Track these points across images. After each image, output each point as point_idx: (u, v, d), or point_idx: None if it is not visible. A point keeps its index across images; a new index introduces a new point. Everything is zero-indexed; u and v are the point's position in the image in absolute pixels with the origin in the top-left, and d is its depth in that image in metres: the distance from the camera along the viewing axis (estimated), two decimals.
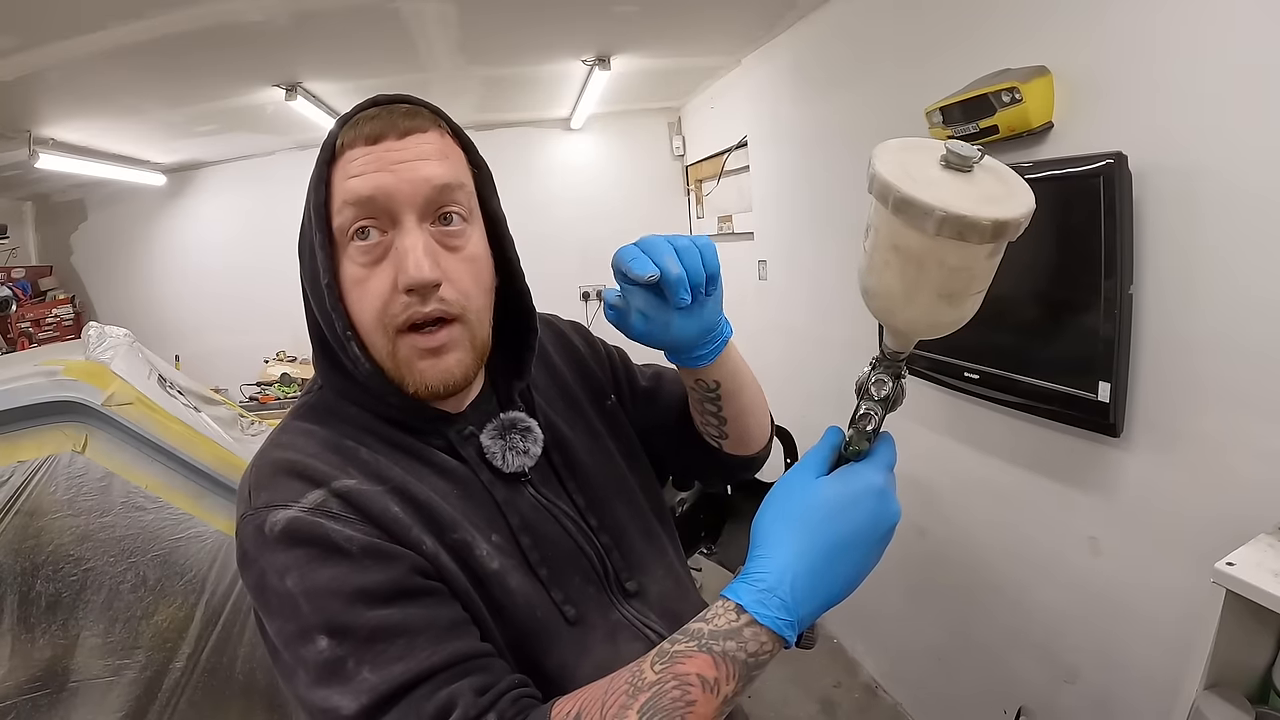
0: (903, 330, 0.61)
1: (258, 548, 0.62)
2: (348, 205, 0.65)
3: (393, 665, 0.58)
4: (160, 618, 1.68)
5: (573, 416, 0.85)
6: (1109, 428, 1.44)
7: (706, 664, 0.55)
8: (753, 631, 0.55)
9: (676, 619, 0.80)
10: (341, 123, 0.68)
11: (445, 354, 0.68)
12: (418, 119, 0.68)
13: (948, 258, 0.55)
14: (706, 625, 0.56)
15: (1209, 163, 1.24)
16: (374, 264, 0.66)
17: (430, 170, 0.66)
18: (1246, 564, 1.00)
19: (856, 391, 0.65)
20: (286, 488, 0.63)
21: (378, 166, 0.65)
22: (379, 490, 0.65)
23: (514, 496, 0.74)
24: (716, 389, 0.83)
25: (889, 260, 0.57)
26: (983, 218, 0.52)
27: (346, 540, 0.60)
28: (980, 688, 2.04)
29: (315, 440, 0.68)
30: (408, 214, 0.66)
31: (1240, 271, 1.21)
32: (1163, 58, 1.29)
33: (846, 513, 0.58)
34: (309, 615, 0.59)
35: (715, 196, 4.17)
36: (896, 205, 0.53)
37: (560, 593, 0.71)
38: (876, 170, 0.56)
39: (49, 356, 1.89)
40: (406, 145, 0.66)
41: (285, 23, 2.23)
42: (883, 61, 2.16)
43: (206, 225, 4.52)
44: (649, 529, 0.84)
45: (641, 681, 0.55)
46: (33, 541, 1.59)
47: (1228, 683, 1.04)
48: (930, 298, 0.57)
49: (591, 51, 2.96)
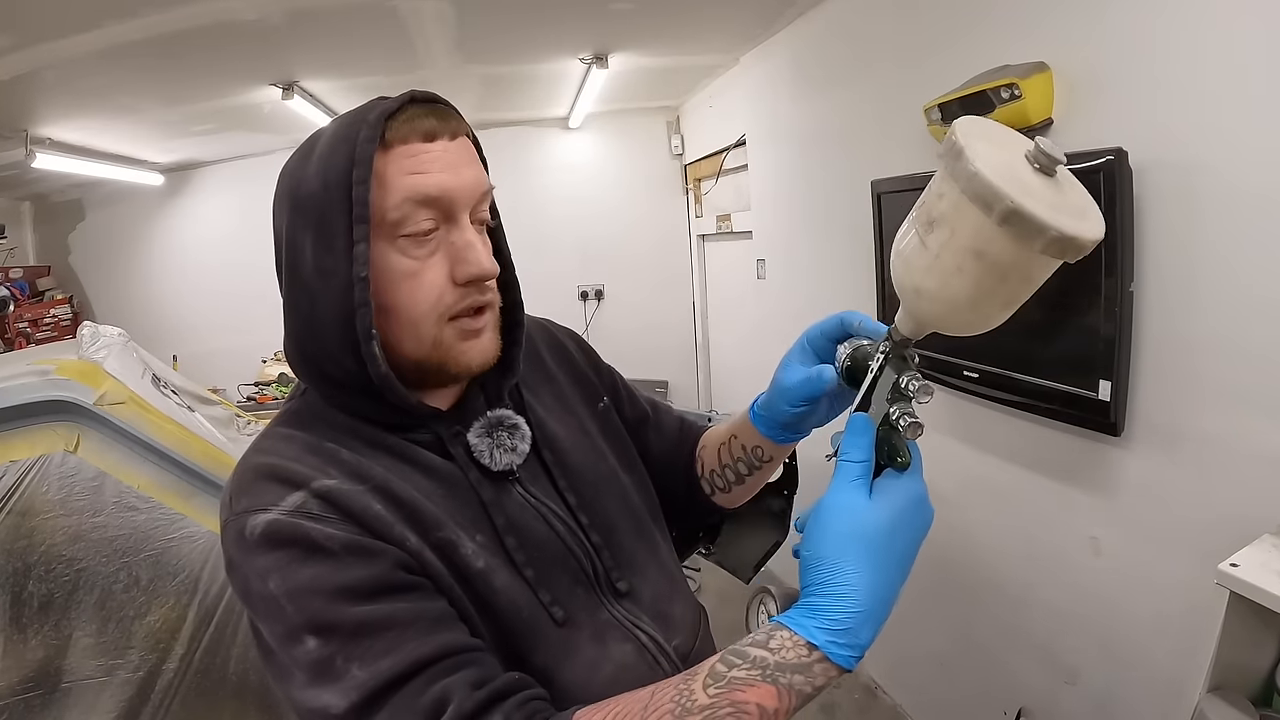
0: (950, 330, 0.58)
1: (240, 553, 0.61)
2: (411, 202, 0.65)
3: (380, 660, 0.57)
4: (153, 618, 1.67)
5: (564, 415, 0.85)
6: (1110, 427, 1.43)
7: (770, 695, 0.54)
8: (823, 668, 0.54)
9: (669, 620, 0.79)
10: (384, 115, 0.65)
11: (484, 334, 0.72)
12: (461, 123, 0.70)
13: (1034, 271, 0.52)
14: (772, 656, 0.55)
15: (1209, 159, 1.22)
16: (429, 257, 0.68)
17: (478, 174, 0.70)
18: (1250, 565, 0.99)
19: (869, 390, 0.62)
20: (265, 492, 0.63)
21: (442, 166, 0.66)
22: (360, 489, 0.64)
23: (501, 496, 0.73)
24: (767, 460, 0.86)
25: (964, 266, 0.52)
26: (1087, 238, 0.49)
27: (327, 539, 0.60)
28: (980, 689, 2.03)
29: (295, 444, 0.68)
30: (463, 212, 0.68)
31: (1242, 269, 1.20)
32: (1163, 53, 1.28)
33: (902, 532, 0.57)
34: (293, 616, 0.58)
35: (714, 195, 4.16)
36: (1005, 216, 0.48)
37: (548, 593, 0.70)
38: (978, 170, 0.49)
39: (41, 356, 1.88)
40: (457, 148, 0.68)
41: (281, 21, 2.22)
42: (881, 59, 2.15)
43: (204, 225, 4.52)
44: (641, 528, 0.84)
45: (691, 703, 0.54)
46: (25, 541, 1.58)
47: (1231, 685, 1.03)
48: (996, 305, 0.55)
49: (589, 50, 2.95)
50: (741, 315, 3.85)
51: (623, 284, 4.66)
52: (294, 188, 0.67)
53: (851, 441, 0.60)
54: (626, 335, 4.37)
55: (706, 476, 0.93)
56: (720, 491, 0.92)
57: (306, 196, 0.66)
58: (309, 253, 0.66)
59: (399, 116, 0.66)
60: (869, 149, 2.26)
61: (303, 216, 0.66)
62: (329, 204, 0.64)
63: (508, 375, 0.78)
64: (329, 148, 0.66)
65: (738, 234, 3.75)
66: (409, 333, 0.69)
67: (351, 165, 0.63)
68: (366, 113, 0.65)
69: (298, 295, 0.68)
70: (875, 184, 2.10)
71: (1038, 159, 0.52)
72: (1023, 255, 0.50)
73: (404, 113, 0.66)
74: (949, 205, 0.53)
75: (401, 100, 0.67)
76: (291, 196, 0.67)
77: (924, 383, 0.60)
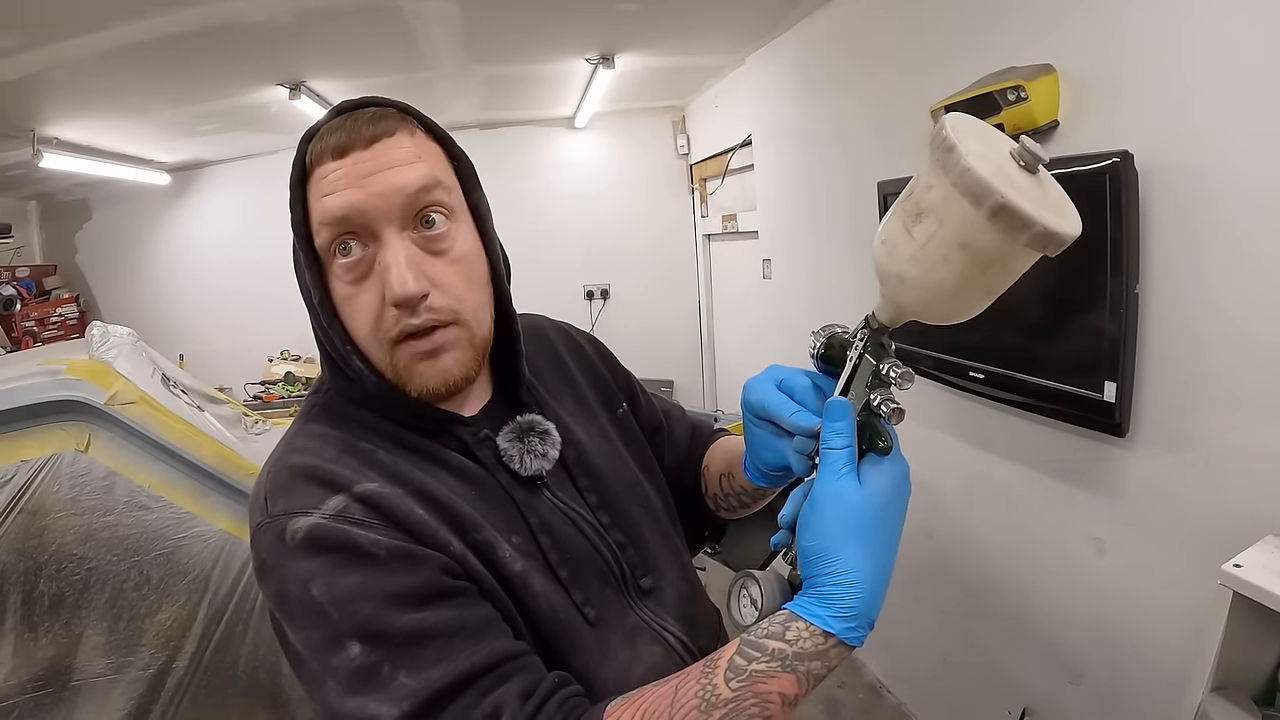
0: (930, 319, 0.60)
1: (277, 556, 0.60)
2: (324, 225, 0.64)
3: (430, 669, 0.56)
4: (163, 616, 1.68)
5: (585, 418, 0.84)
6: (1115, 428, 1.43)
7: (790, 683, 0.56)
8: (839, 651, 0.57)
9: (692, 622, 0.79)
10: (308, 137, 0.65)
11: (442, 354, 0.67)
12: (384, 122, 0.65)
13: (1014, 263, 0.55)
14: (790, 647, 0.57)
15: (1215, 162, 1.23)
16: (360, 280, 0.65)
17: (403, 178, 0.64)
18: (1254, 566, 0.99)
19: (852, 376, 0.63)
20: (306, 493, 0.62)
21: (348, 182, 0.63)
22: (400, 493, 0.64)
23: (532, 498, 0.73)
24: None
25: (950, 256, 0.54)
26: (1067, 234, 0.52)
27: (373, 545, 0.59)
28: (984, 688, 2.04)
29: (331, 443, 0.67)
30: (385, 227, 0.64)
31: (1246, 271, 1.20)
32: (1169, 56, 1.28)
33: (892, 511, 0.59)
34: (339, 622, 0.57)
35: (719, 195, 4.16)
36: (994, 210, 0.51)
37: (580, 594, 0.70)
38: (970, 165, 0.51)
39: (52, 356, 1.89)
40: (375, 154, 0.64)
41: (288, 21, 2.23)
42: (887, 60, 2.15)
43: (210, 224, 4.53)
44: (664, 531, 0.84)
45: (715, 697, 0.56)
46: (36, 540, 1.60)
47: (1234, 685, 1.03)
48: (977, 295, 0.57)
49: (595, 50, 2.95)
50: (747, 315, 3.85)
51: (628, 283, 4.68)
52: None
53: (833, 428, 0.60)
54: (632, 334, 4.38)
55: (710, 495, 0.93)
56: (724, 510, 0.92)
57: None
58: (299, 274, 0.68)
59: (318, 136, 0.65)
60: (874, 150, 2.26)
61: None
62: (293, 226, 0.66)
63: (517, 381, 0.78)
64: None
65: (743, 234, 3.75)
66: (368, 354, 0.68)
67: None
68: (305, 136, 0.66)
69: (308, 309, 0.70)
70: (881, 185, 2.10)
71: (1023, 157, 0.54)
72: (1007, 248, 0.53)
73: (321, 130, 0.65)
74: (938, 197, 0.54)
75: (325, 117, 0.66)
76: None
77: (905, 369, 0.61)
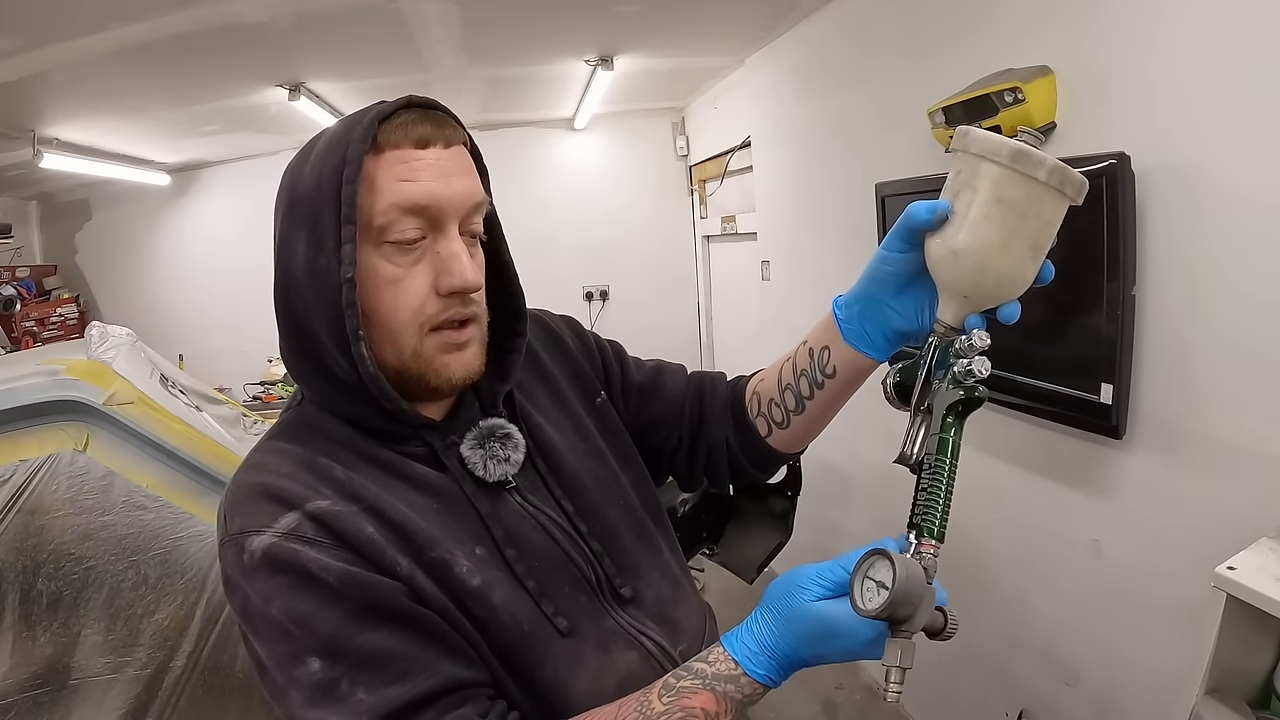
0: (985, 293, 0.66)
1: (239, 573, 0.62)
2: (398, 208, 0.65)
3: (388, 688, 0.59)
4: (161, 616, 1.68)
5: (561, 418, 0.84)
6: (1111, 430, 1.43)
7: (709, 700, 0.63)
8: (747, 680, 0.63)
9: (674, 624, 0.79)
10: (379, 118, 0.65)
11: (467, 348, 0.71)
12: (457, 130, 0.69)
13: (1044, 209, 0.63)
14: (710, 667, 0.64)
15: (1212, 163, 1.23)
16: (413, 265, 0.67)
17: (471, 185, 0.69)
18: (1247, 568, 0.99)
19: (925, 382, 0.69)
20: (260, 511, 0.63)
21: (431, 175, 0.66)
22: (354, 510, 0.64)
23: (498, 507, 0.73)
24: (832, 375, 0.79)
25: (989, 213, 0.63)
26: (1076, 172, 0.62)
27: (322, 570, 0.60)
28: (982, 690, 2.04)
29: (289, 459, 0.68)
30: (452, 223, 0.67)
31: (1244, 273, 1.21)
32: (1166, 58, 1.29)
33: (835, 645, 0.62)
34: (300, 639, 0.60)
35: (719, 196, 4.16)
36: (1013, 155, 0.61)
37: (550, 604, 0.70)
38: (985, 134, 0.62)
39: (51, 356, 1.89)
40: (452, 156, 0.68)
41: (287, 23, 2.23)
42: (885, 61, 2.15)
43: (211, 225, 4.53)
44: (642, 531, 0.83)
45: (650, 711, 0.63)
46: (34, 540, 1.60)
47: (1228, 688, 1.03)
48: (1023, 248, 0.64)
49: (594, 51, 2.96)
50: (746, 317, 3.85)
51: (628, 285, 4.68)
52: (291, 187, 0.68)
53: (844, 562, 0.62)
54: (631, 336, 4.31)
55: (763, 412, 0.87)
56: (778, 428, 0.86)
57: (301, 196, 0.66)
58: (302, 252, 0.66)
59: (393, 120, 0.66)
60: (873, 151, 2.26)
61: (297, 215, 0.66)
62: (321, 204, 0.64)
63: (502, 383, 0.78)
64: (325, 148, 0.66)
65: (743, 235, 3.75)
66: (389, 340, 0.68)
67: (343, 166, 0.63)
68: (363, 115, 0.65)
69: (291, 293, 0.68)
70: (879, 186, 2.11)
71: (1025, 135, 0.64)
72: (1034, 190, 0.61)
73: (399, 117, 0.66)
74: (968, 172, 0.64)
75: (398, 104, 0.67)
76: (289, 195, 0.68)
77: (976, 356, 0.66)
